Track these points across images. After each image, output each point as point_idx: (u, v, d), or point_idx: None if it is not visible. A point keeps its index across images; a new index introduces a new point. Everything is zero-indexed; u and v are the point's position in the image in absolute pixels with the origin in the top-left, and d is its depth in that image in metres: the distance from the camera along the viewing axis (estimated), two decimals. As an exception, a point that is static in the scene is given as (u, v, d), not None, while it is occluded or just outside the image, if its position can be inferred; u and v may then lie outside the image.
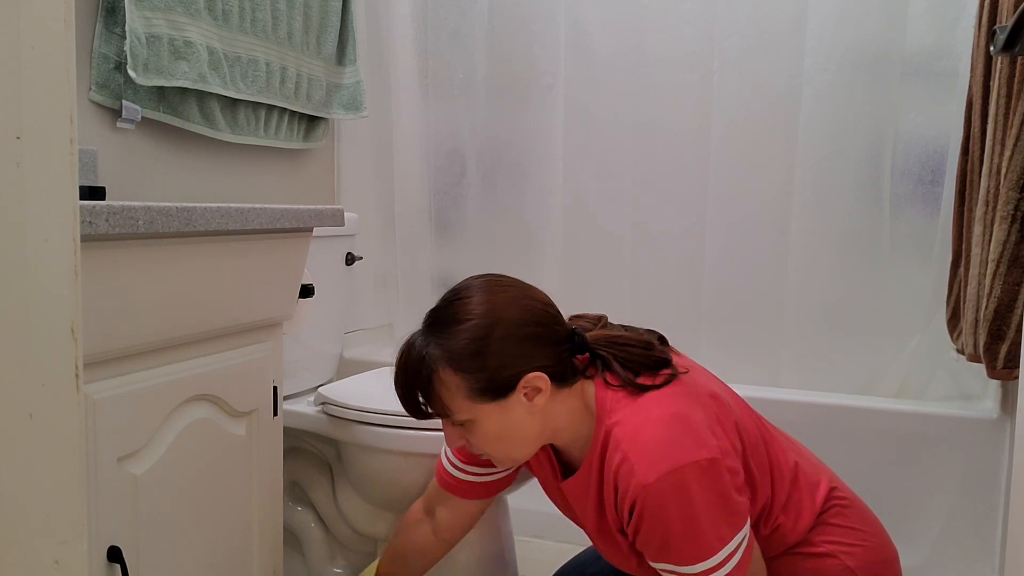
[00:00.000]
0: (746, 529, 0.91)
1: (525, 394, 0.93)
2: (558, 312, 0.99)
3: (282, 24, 1.74)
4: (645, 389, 0.95)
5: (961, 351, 1.59)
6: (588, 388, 0.98)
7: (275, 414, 1.19)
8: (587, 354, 1.00)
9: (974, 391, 1.73)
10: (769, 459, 1.02)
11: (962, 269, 1.58)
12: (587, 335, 1.00)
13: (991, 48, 1.14)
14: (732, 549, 0.89)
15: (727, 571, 0.88)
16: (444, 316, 0.96)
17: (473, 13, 2.13)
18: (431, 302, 1.40)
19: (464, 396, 0.93)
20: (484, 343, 0.92)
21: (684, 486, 0.87)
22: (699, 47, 1.92)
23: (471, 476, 1.16)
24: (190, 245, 0.96)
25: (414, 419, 1.00)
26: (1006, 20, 1.35)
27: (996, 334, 1.41)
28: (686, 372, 0.98)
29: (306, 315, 1.30)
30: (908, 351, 1.84)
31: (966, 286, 1.54)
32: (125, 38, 1.36)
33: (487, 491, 1.18)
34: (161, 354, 0.97)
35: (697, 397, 0.95)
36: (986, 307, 1.41)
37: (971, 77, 1.54)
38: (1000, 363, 1.43)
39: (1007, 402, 1.62)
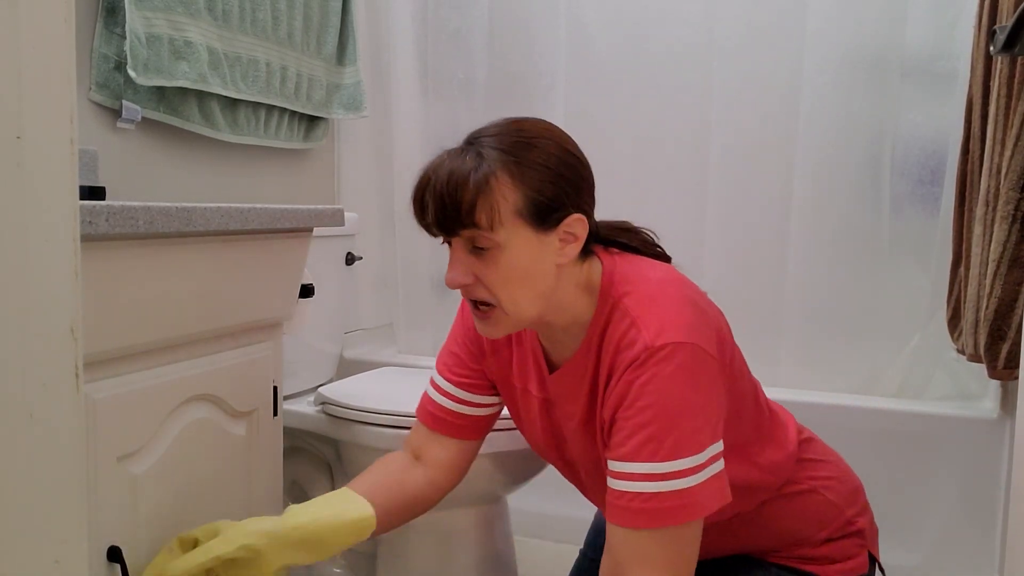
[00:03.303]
0: (721, 446, 0.84)
1: (561, 238, 0.87)
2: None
3: (282, 24, 1.74)
4: (660, 259, 0.93)
5: (961, 351, 1.59)
6: (595, 267, 0.93)
7: (275, 414, 1.19)
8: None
9: (974, 391, 1.73)
10: (753, 389, 0.98)
11: (962, 269, 1.58)
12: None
13: (991, 48, 1.14)
14: (710, 456, 0.82)
15: (702, 480, 0.81)
16: (505, 128, 0.88)
17: (473, 13, 2.13)
18: (431, 302, 1.40)
19: (511, 210, 0.84)
20: (544, 158, 0.86)
21: (688, 363, 0.81)
22: (699, 47, 1.92)
23: (460, 406, 1.07)
24: (190, 245, 0.96)
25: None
26: (1006, 20, 1.35)
27: (997, 334, 1.41)
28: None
29: (306, 315, 1.30)
30: (908, 351, 1.84)
31: (966, 286, 1.54)
32: (125, 38, 1.36)
33: (475, 429, 1.08)
34: (161, 354, 0.97)
35: (704, 298, 0.90)
36: (986, 307, 1.41)
37: (971, 77, 1.54)
38: (1001, 363, 1.43)
39: (1007, 402, 1.62)
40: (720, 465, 0.84)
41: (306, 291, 1.28)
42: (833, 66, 1.80)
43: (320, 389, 1.55)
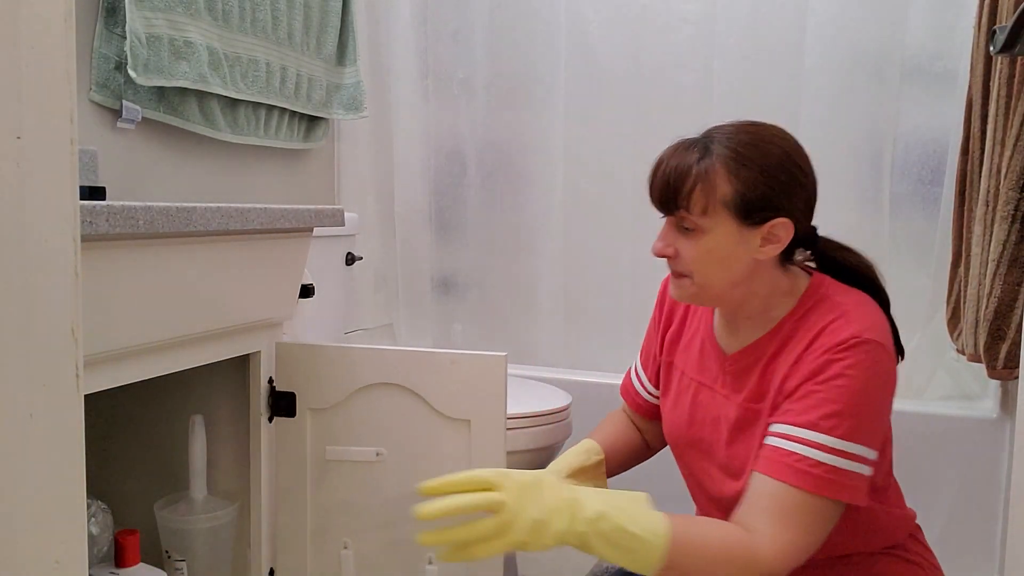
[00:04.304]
0: (876, 456, 0.89)
1: (764, 236, 0.93)
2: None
3: (282, 24, 1.74)
4: (871, 291, 0.97)
5: (961, 351, 1.59)
6: (801, 277, 0.99)
7: (271, 415, 1.19)
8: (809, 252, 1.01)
9: (974, 391, 1.73)
10: (888, 439, 1.02)
11: (962, 269, 1.58)
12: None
13: (991, 48, 1.14)
14: (870, 458, 0.87)
15: (862, 472, 0.86)
16: (739, 127, 0.97)
17: (473, 13, 2.13)
18: (431, 302, 1.39)
19: (723, 200, 0.92)
20: (767, 160, 0.92)
21: (885, 366, 0.88)
22: (699, 47, 1.92)
23: (653, 398, 1.15)
24: (190, 245, 0.96)
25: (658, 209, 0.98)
26: (1006, 20, 1.35)
27: (996, 334, 1.41)
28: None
29: (306, 315, 1.30)
30: (908, 351, 1.84)
31: (966, 286, 1.54)
32: (125, 38, 1.37)
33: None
34: (161, 354, 0.97)
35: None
36: (986, 307, 1.41)
37: (971, 77, 1.54)
38: (1000, 363, 1.43)
39: (1007, 402, 1.62)
40: (869, 471, 0.88)
41: (306, 291, 1.28)
42: (833, 66, 1.80)
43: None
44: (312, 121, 1.96)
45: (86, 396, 0.45)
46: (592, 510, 0.83)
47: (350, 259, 1.87)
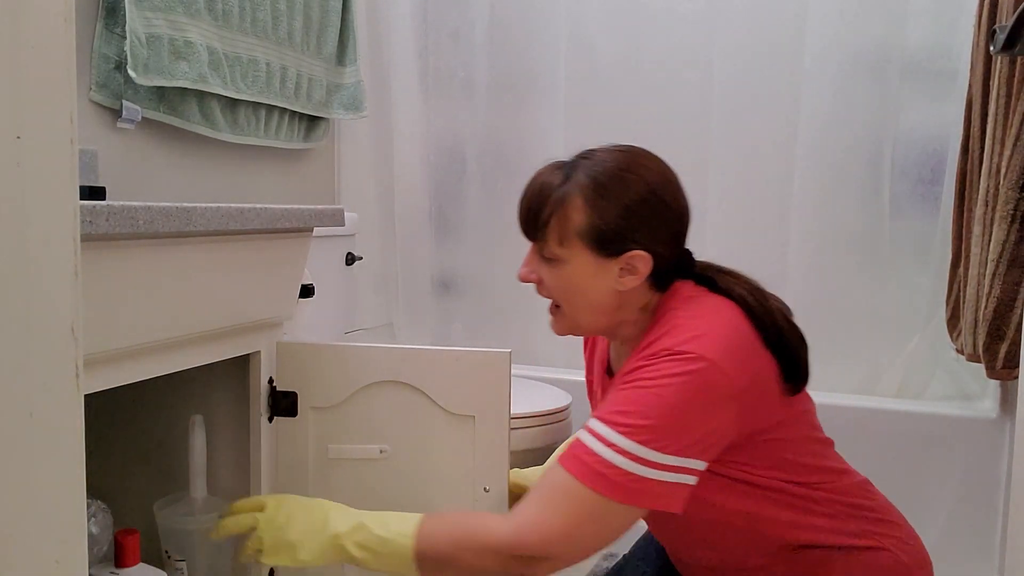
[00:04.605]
0: (701, 465, 0.85)
1: (622, 267, 0.92)
2: (689, 223, 0.99)
3: (282, 24, 1.74)
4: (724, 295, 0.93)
5: (961, 351, 1.59)
6: (663, 295, 0.97)
7: (271, 415, 1.19)
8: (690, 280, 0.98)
9: (974, 391, 1.73)
10: (811, 451, 0.97)
11: (962, 269, 1.58)
12: (698, 261, 1.00)
13: (991, 48, 1.14)
14: (681, 466, 0.83)
15: (659, 478, 0.82)
16: (596, 155, 0.94)
17: (473, 13, 2.13)
18: (431, 302, 1.38)
19: (577, 231, 0.91)
20: (624, 193, 0.91)
21: (700, 377, 0.83)
22: (699, 47, 1.92)
23: None
24: (190, 245, 0.96)
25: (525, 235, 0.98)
26: (1006, 20, 1.35)
27: (995, 334, 1.41)
28: None
29: (306, 315, 1.30)
30: (908, 351, 1.84)
31: (965, 286, 1.54)
32: (125, 38, 1.37)
33: None
34: (161, 354, 0.97)
35: (760, 348, 0.90)
36: (985, 307, 1.41)
37: (971, 77, 1.54)
38: (999, 363, 1.43)
39: (1007, 402, 1.62)
40: (688, 480, 0.85)
41: (306, 291, 1.28)
42: (833, 66, 1.80)
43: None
44: (312, 121, 1.96)
45: (86, 396, 0.45)
46: (347, 524, 0.91)
47: (350, 259, 1.87)
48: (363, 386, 1.16)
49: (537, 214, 0.94)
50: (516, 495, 1.16)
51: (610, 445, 0.83)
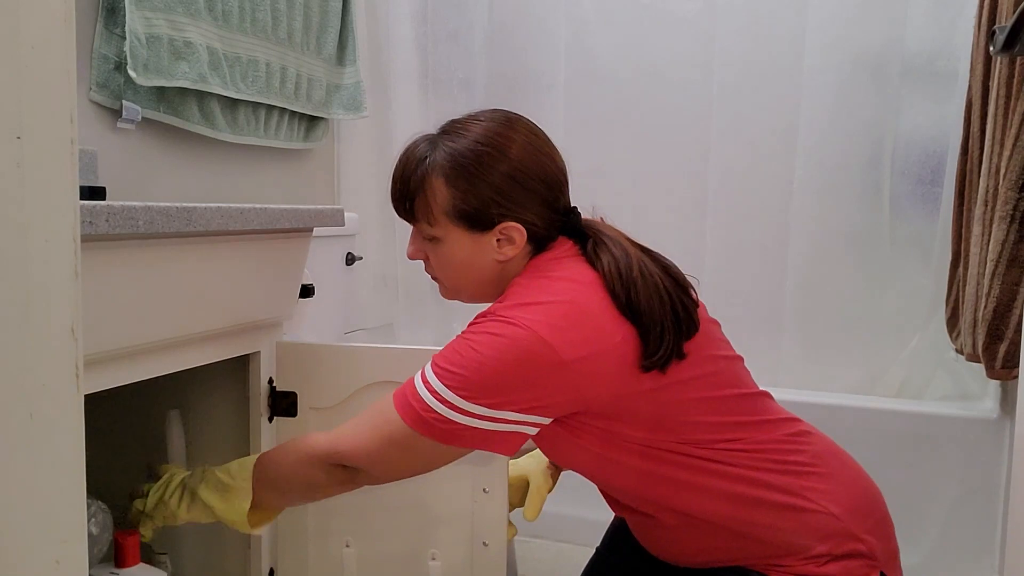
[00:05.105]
0: (522, 419, 0.86)
1: (498, 239, 0.93)
2: (566, 183, 0.98)
3: (282, 24, 1.73)
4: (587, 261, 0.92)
5: (960, 351, 1.59)
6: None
7: (272, 415, 1.19)
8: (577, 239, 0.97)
9: (974, 391, 1.73)
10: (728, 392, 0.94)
11: (961, 269, 1.58)
12: (585, 218, 0.99)
13: (991, 48, 1.14)
14: (499, 417, 0.85)
15: (474, 425, 0.85)
16: (460, 129, 0.95)
17: (473, 13, 2.13)
18: (431, 302, 1.38)
19: (443, 211, 0.93)
20: (483, 170, 0.91)
21: (517, 343, 0.84)
22: (699, 47, 1.92)
23: None
24: (190, 245, 0.96)
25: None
26: (1006, 20, 1.35)
27: (995, 334, 1.41)
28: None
29: (306, 315, 1.30)
30: (908, 351, 1.84)
31: (965, 286, 1.54)
32: (125, 38, 1.36)
33: None
34: (161, 354, 0.97)
35: (610, 314, 0.88)
36: (985, 307, 1.41)
37: (971, 77, 1.54)
38: (999, 363, 1.43)
39: (1007, 402, 1.62)
40: (509, 429, 0.87)
41: (306, 291, 1.28)
42: (833, 66, 1.80)
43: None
44: (312, 121, 1.96)
45: (86, 396, 0.45)
46: (196, 475, 0.99)
47: (350, 259, 1.87)
48: (363, 386, 1.15)
49: (402, 197, 0.96)
50: (517, 487, 1.17)
51: (426, 385, 0.87)
